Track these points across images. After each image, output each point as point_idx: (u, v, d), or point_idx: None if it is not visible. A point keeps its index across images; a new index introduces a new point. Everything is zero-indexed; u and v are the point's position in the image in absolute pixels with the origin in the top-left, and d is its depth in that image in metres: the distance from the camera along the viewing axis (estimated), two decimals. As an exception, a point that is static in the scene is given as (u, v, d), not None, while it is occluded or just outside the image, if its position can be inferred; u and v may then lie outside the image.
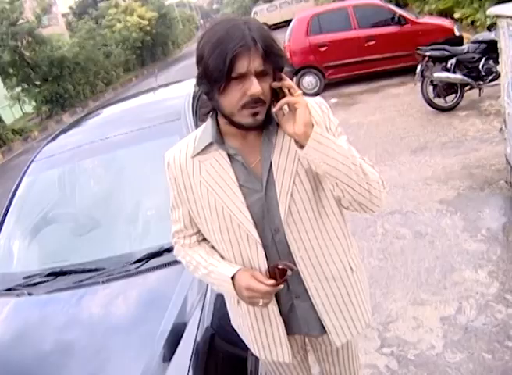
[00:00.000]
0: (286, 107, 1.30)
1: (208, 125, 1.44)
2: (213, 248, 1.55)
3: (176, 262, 2.01)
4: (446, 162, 5.04)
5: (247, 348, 1.76)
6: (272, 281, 1.36)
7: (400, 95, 8.05)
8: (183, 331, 1.81)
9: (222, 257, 1.51)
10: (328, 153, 1.27)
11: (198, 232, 1.57)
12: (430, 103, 6.60)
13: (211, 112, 1.44)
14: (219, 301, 1.88)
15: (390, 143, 6.02)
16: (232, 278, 1.41)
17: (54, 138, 3.26)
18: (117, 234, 2.52)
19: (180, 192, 1.49)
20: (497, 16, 3.46)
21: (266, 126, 1.38)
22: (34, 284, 2.28)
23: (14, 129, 17.22)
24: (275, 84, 1.30)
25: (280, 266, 1.37)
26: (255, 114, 1.29)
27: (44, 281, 2.28)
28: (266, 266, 1.43)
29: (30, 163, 2.99)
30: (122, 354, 1.83)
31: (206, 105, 1.41)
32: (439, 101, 6.56)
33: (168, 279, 2.11)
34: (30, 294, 2.23)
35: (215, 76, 1.25)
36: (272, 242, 1.44)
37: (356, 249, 1.61)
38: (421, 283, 3.28)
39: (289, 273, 1.36)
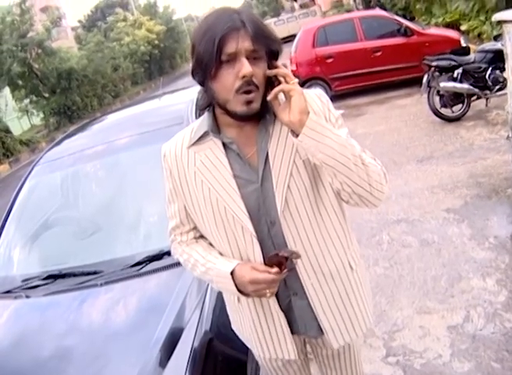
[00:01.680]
0: (282, 97, 1.28)
1: (205, 116, 1.42)
2: (211, 245, 1.51)
3: (175, 265, 2.00)
4: (453, 171, 4.99)
5: (246, 353, 1.72)
6: (276, 269, 1.30)
7: (407, 106, 8.03)
8: (181, 335, 1.76)
9: (221, 254, 1.47)
10: (324, 142, 1.24)
11: (195, 228, 1.53)
12: (436, 113, 6.56)
13: (207, 108, 1.42)
14: (219, 304, 1.84)
15: (396, 152, 5.99)
16: (232, 273, 1.36)
17: (58, 143, 3.25)
18: (117, 238, 2.49)
19: (175, 184, 1.46)
20: (503, 22, 3.44)
21: (263, 116, 1.36)
22: (32, 287, 2.25)
23: (22, 140, 17.36)
24: (270, 72, 1.28)
25: (285, 254, 1.29)
26: (249, 102, 1.27)
27: (43, 284, 2.25)
28: (262, 260, 1.38)
29: (34, 167, 2.98)
30: (116, 358, 1.78)
31: (203, 97, 1.39)
32: (446, 111, 6.52)
33: (167, 282, 2.07)
34: (27, 296, 2.20)
35: (205, 61, 1.24)
36: (268, 236, 1.40)
37: (356, 247, 1.56)
38: (427, 292, 3.21)
39: (293, 261, 1.31)
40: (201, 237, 1.54)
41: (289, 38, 21.32)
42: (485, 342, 2.66)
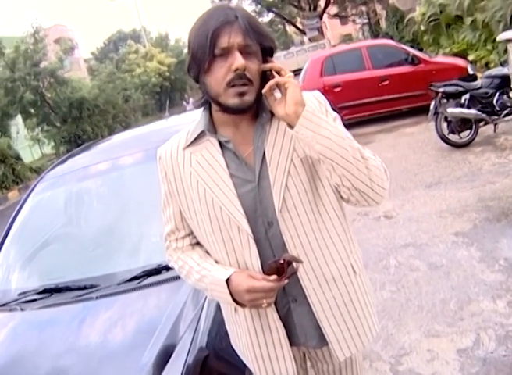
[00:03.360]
0: (278, 94, 1.26)
1: (201, 117, 1.40)
2: (207, 252, 1.47)
3: (172, 279, 1.96)
4: (461, 196, 4.93)
5: (244, 371, 1.64)
6: (275, 276, 1.24)
7: (415, 134, 8.01)
8: (174, 351, 1.70)
9: (217, 261, 1.42)
10: (321, 132, 1.21)
11: (190, 234, 1.48)
12: (444, 139, 6.52)
13: (203, 106, 1.40)
14: (217, 319, 1.77)
15: (404, 178, 5.94)
16: (228, 281, 1.31)
17: (63, 161, 3.25)
18: (115, 252, 2.45)
19: (170, 186, 1.43)
20: (506, 41, 3.43)
21: (260, 114, 1.34)
22: (28, 301, 2.21)
23: (31, 167, 17.55)
24: (264, 66, 1.28)
25: (286, 259, 1.24)
26: (242, 94, 1.25)
27: (39, 298, 2.20)
28: (259, 263, 1.33)
29: (37, 183, 2.98)
30: (106, 372, 1.72)
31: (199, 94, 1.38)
32: (454, 138, 6.48)
33: (164, 296, 2.03)
34: (22, 309, 2.16)
35: (199, 55, 1.24)
36: (266, 237, 1.34)
37: (358, 251, 1.50)
38: (436, 315, 3.11)
39: (295, 266, 1.25)
40: (197, 244, 1.50)
41: (299, 71, 21.61)
42: (497, 365, 2.55)
